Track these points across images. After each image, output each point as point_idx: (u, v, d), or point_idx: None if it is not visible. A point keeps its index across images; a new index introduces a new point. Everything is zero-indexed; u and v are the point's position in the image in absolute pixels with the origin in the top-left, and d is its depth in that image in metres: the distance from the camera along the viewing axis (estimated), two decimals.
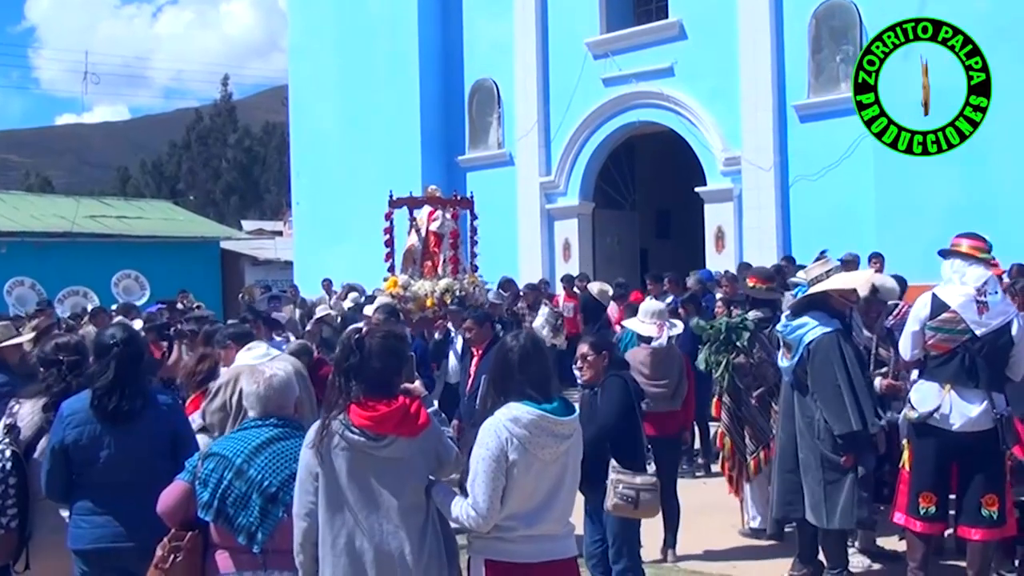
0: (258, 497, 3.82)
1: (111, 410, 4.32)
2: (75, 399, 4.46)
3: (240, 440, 3.95)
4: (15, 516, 4.56)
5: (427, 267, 13.12)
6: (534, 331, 9.04)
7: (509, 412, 3.56)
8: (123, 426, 4.32)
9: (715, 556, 7.07)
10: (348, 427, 3.53)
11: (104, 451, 4.31)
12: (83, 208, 26.80)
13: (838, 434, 5.80)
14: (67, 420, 4.36)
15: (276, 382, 4.04)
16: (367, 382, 3.59)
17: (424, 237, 13.33)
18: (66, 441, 4.32)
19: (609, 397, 5.51)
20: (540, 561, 3.58)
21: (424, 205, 13.63)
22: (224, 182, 56.79)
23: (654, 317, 7.14)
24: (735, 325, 7.20)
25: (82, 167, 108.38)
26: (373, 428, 3.54)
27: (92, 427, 4.32)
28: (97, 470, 4.31)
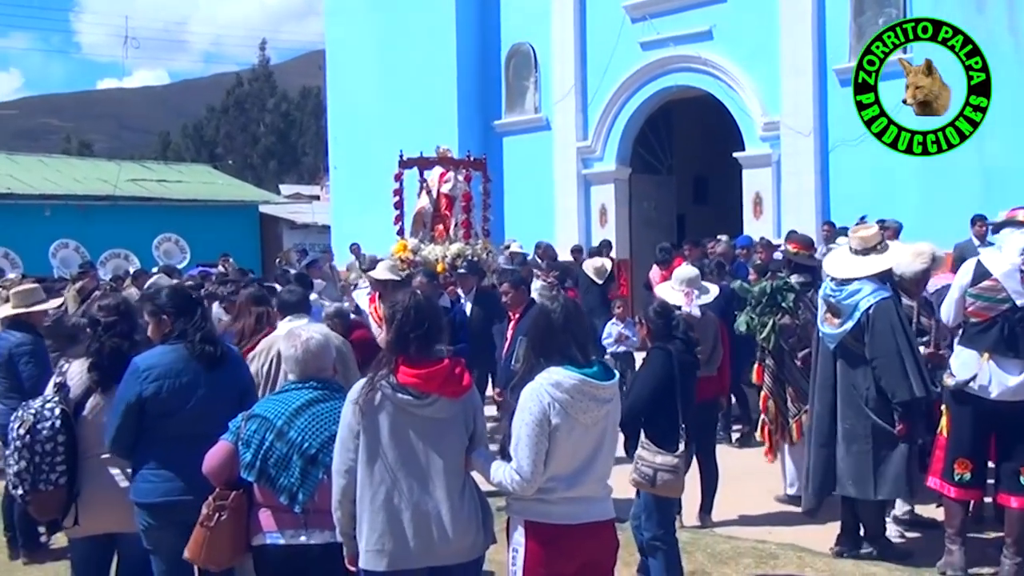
0: (298, 459, 3.87)
1: (218, 355, 4.47)
2: (150, 354, 4.52)
3: (281, 402, 4.01)
4: (64, 473, 4.64)
5: (438, 231, 12.66)
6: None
7: (550, 377, 3.57)
8: (209, 374, 4.43)
9: (751, 522, 7.07)
10: (394, 385, 3.57)
11: (185, 403, 4.39)
12: (124, 172, 27.08)
13: (899, 401, 5.74)
14: (144, 374, 4.41)
15: (313, 345, 4.08)
16: (416, 342, 3.62)
17: (435, 199, 12.81)
18: (144, 395, 4.37)
19: (645, 370, 5.49)
20: (579, 523, 3.61)
21: (435, 166, 12.96)
22: (262, 146, 57.07)
23: (683, 284, 7.11)
24: (780, 286, 7.14)
25: (122, 131, 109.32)
26: (419, 386, 3.57)
27: (171, 381, 4.39)
28: (174, 422, 4.38)
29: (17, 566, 7.22)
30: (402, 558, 3.56)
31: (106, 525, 4.70)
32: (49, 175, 25.58)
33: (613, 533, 3.78)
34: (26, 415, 4.65)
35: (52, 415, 4.64)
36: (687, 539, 6.17)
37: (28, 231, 20.41)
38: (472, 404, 3.75)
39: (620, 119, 18.31)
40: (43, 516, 5.01)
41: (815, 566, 6.03)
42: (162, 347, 4.52)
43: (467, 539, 3.65)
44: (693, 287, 7.12)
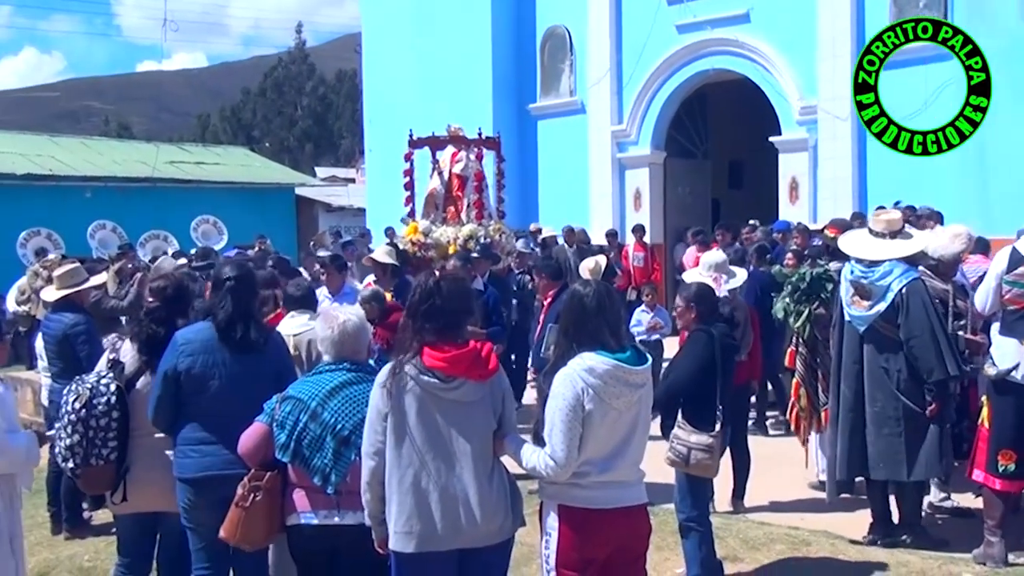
0: (332, 440, 3.89)
1: (239, 339, 4.46)
2: (190, 329, 4.57)
3: (315, 384, 4.02)
4: (115, 449, 4.69)
5: (450, 212, 12.06)
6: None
7: (583, 362, 3.56)
8: (243, 357, 4.44)
9: (782, 508, 7.03)
10: (420, 368, 3.57)
11: (216, 381, 4.42)
12: (163, 154, 27.28)
13: (933, 380, 5.68)
14: (181, 348, 4.46)
15: (350, 327, 4.09)
16: (441, 325, 3.62)
17: (447, 180, 12.19)
18: (179, 368, 4.43)
19: (687, 352, 5.47)
20: (612, 507, 3.60)
21: (447, 145, 12.28)
22: (298, 129, 57.26)
23: (711, 270, 7.10)
24: (820, 275, 7.05)
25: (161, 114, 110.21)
26: (445, 369, 3.57)
27: (206, 357, 4.44)
28: (207, 399, 4.42)
29: (59, 541, 7.35)
30: (430, 540, 3.57)
31: (152, 503, 4.76)
32: (90, 157, 25.83)
33: (646, 517, 3.77)
34: (82, 389, 4.70)
35: (108, 391, 4.69)
36: (719, 524, 6.14)
37: (69, 212, 20.63)
38: (500, 387, 3.74)
39: (655, 103, 18.18)
40: (92, 491, 5.08)
41: (848, 553, 5.98)
42: (203, 323, 4.57)
43: (495, 522, 3.65)
44: (721, 272, 7.12)
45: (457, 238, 11.28)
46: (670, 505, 6.17)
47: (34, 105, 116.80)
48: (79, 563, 6.80)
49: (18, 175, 22.36)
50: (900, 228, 6.07)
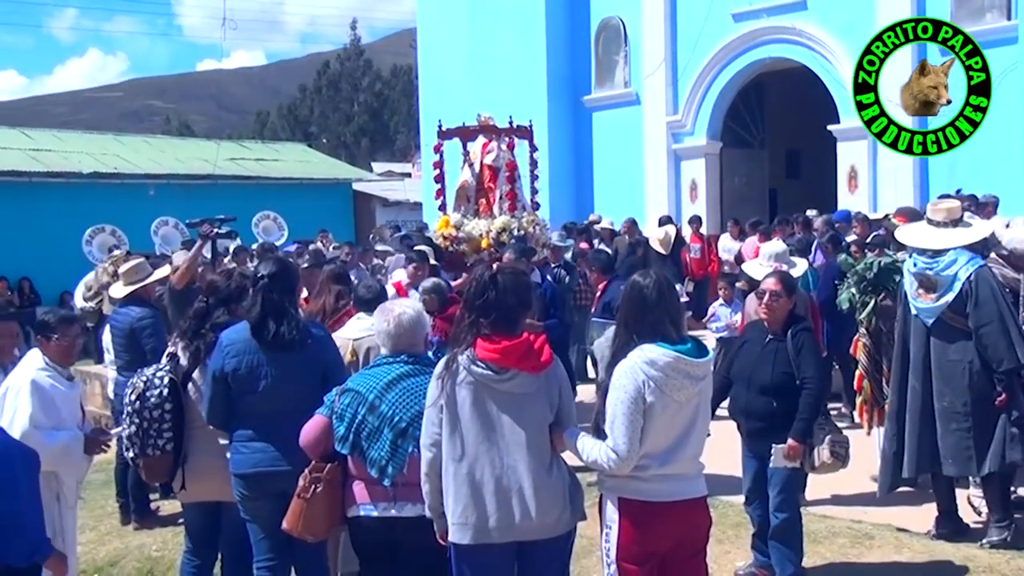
0: (389, 432, 3.90)
1: (270, 338, 4.47)
2: (233, 329, 4.62)
3: (373, 376, 4.04)
4: (170, 440, 4.77)
5: (482, 205, 11.69)
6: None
7: (644, 354, 3.52)
8: (281, 355, 4.46)
9: (845, 502, 6.90)
10: (473, 360, 3.58)
11: (262, 380, 4.47)
12: (223, 151, 27.64)
13: (1004, 370, 5.55)
14: (226, 350, 4.52)
15: (406, 320, 4.09)
16: (495, 318, 3.62)
17: (478, 172, 11.82)
18: (225, 369, 4.49)
19: (814, 351, 5.36)
20: (673, 500, 3.57)
21: (478, 136, 11.95)
22: (355, 125, 57.75)
23: (771, 260, 7.03)
24: (888, 266, 6.90)
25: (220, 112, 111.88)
26: (497, 361, 3.57)
27: (250, 357, 4.48)
28: (255, 399, 4.48)
29: (128, 531, 7.50)
30: (484, 532, 3.57)
31: (212, 493, 4.83)
32: (153, 155, 26.28)
33: (706, 510, 3.74)
34: (138, 382, 4.81)
35: (161, 383, 4.77)
36: None
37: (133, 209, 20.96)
38: (556, 380, 3.72)
39: (711, 92, 17.99)
40: (152, 480, 5.18)
41: (912, 547, 5.86)
42: (244, 323, 4.61)
43: (551, 515, 3.63)
44: (781, 262, 7.04)
45: (490, 231, 11.03)
46: (730, 497, 6.08)
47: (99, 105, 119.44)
48: (147, 553, 6.94)
49: (84, 173, 22.84)
50: (960, 216, 5.93)
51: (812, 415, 5.16)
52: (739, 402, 5.35)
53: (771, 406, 5.18)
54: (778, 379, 5.21)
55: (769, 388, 5.18)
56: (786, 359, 5.22)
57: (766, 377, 5.22)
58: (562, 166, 19.76)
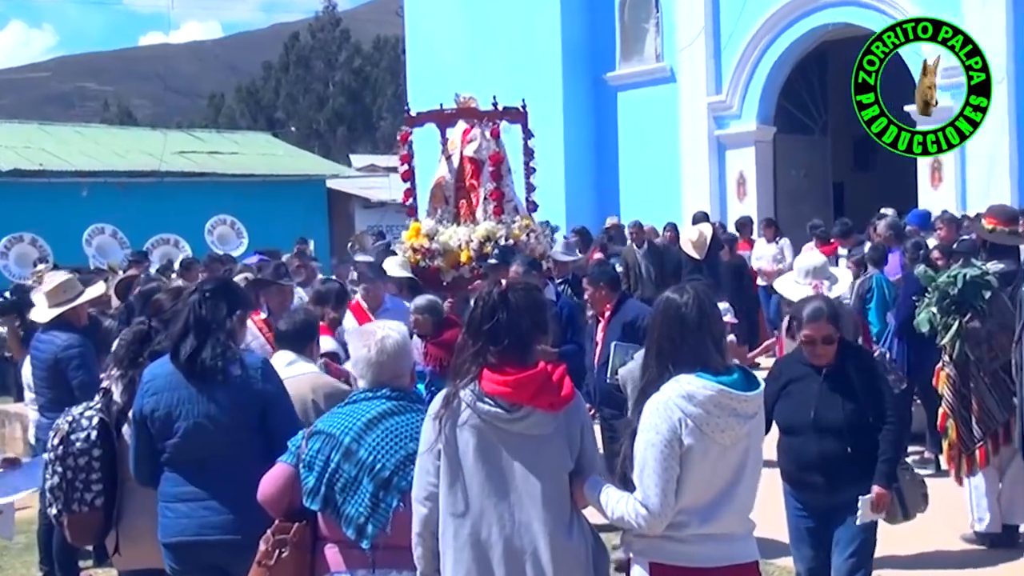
0: (369, 482, 3.88)
1: (184, 361, 4.41)
2: (158, 362, 4.61)
3: (348, 415, 4.01)
4: (100, 493, 4.74)
5: (462, 207, 11.17)
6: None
7: (681, 387, 3.51)
8: (204, 389, 4.41)
9: (926, 563, 6.90)
10: (480, 396, 3.57)
11: (180, 422, 4.41)
12: (171, 143, 27.78)
13: None
14: (146, 386, 4.52)
15: (390, 345, 4.07)
16: (506, 344, 3.62)
17: (458, 167, 11.23)
18: (144, 410, 4.47)
19: (885, 381, 5.37)
20: (716, 565, 3.56)
21: (457, 121, 11.39)
22: (330, 110, 57.97)
23: (808, 276, 7.08)
24: (976, 280, 6.85)
25: (167, 95, 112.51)
26: (508, 396, 3.56)
27: (170, 394, 4.44)
28: (175, 445, 4.44)
29: None
30: None
31: (153, 559, 4.78)
32: (86, 148, 26.38)
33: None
34: (62, 423, 4.79)
35: (89, 424, 4.75)
36: None
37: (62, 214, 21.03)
38: (577, 419, 3.71)
39: (762, 67, 18.04)
40: (79, 542, 5.17)
41: None
42: (166, 356, 4.59)
43: None
44: (820, 278, 7.09)
45: (470, 241, 10.49)
46: (783, 561, 6.05)
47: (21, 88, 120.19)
48: None
49: (3, 171, 22.94)
50: None
51: (897, 454, 5.16)
52: (807, 454, 5.23)
53: (846, 452, 5.14)
54: (850, 417, 5.16)
55: (843, 430, 5.13)
56: (852, 392, 5.18)
57: (836, 418, 5.16)
58: (581, 159, 19.84)
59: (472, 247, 10.40)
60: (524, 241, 10.58)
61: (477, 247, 10.36)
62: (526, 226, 10.81)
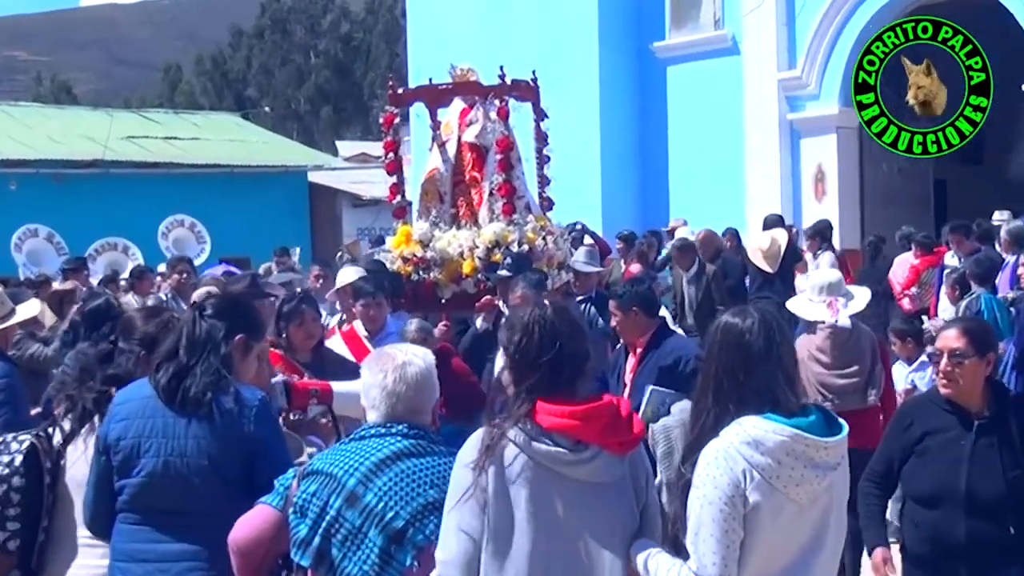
0: (378, 534, 3.85)
1: (163, 385, 4.41)
2: (134, 384, 4.60)
3: (354, 453, 3.97)
4: (15, 535, 4.69)
5: (461, 206, 11.06)
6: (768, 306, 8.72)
7: (745, 432, 3.52)
8: (182, 423, 4.38)
9: None
10: (534, 434, 3.55)
11: (146, 458, 4.38)
12: (118, 125, 27.86)
13: None
14: (116, 410, 4.49)
15: (411, 374, 4.04)
16: (567, 375, 3.64)
17: (455, 155, 11.12)
18: (109, 437, 4.46)
19: None
20: None
21: (451, 99, 11.35)
22: (312, 86, 58.16)
23: (822, 294, 7.56)
24: None
25: (114, 67, 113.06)
26: (575, 431, 3.55)
27: (141, 422, 4.41)
28: (138, 486, 4.40)
29: None
30: None
31: None
32: (15, 132, 26.51)
33: None
34: None
35: (17, 448, 4.73)
36: None
37: None
38: (643, 466, 3.75)
39: (845, 36, 18.03)
40: None
41: None
42: (145, 379, 4.61)
43: None
44: (835, 295, 7.55)
45: (474, 247, 10.37)
46: None
47: None
48: None
49: None
50: None
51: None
52: (952, 535, 4.99)
53: (1006, 534, 4.94)
54: (1015, 488, 4.93)
55: (1004, 505, 4.93)
56: (1015, 453, 4.96)
57: (996, 488, 4.94)
58: (621, 147, 19.82)
59: (477, 255, 10.30)
60: (540, 246, 10.49)
61: (484, 255, 10.25)
62: (542, 226, 10.74)
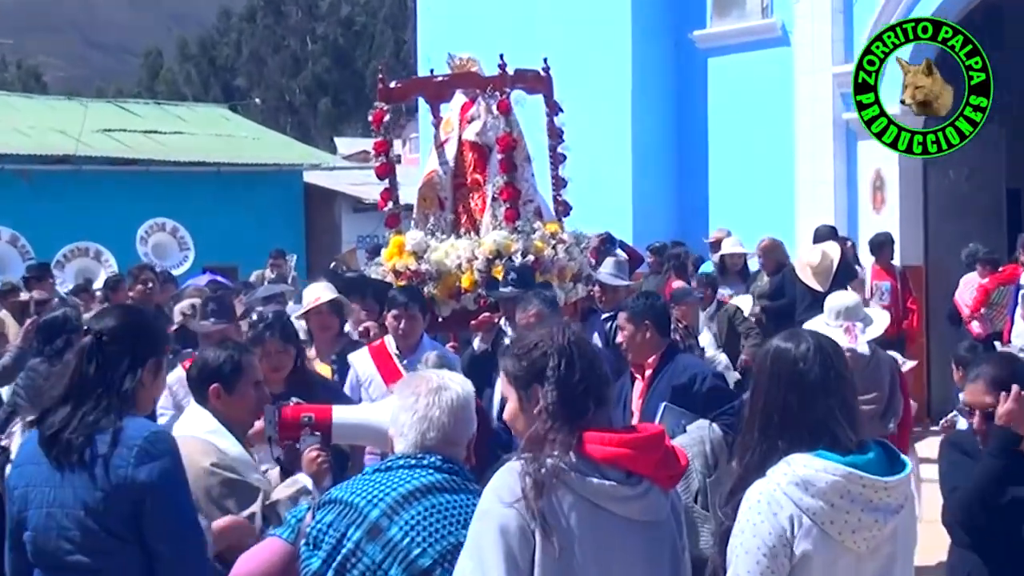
0: (400, 572, 3.83)
1: (36, 426, 4.42)
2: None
3: (378, 483, 3.95)
4: None
5: (462, 212, 11.11)
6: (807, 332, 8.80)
7: (793, 471, 3.52)
8: (59, 468, 4.34)
9: None
10: (583, 467, 3.52)
11: (33, 510, 4.38)
12: (93, 117, 27.96)
13: None
14: (19, 453, 4.60)
15: (447, 401, 4.04)
16: (594, 400, 3.65)
17: (455, 156, 11.16)
18: (9, 484, 4.51)
19: None
20: None
21: (451, 92, 11.48)
22: (309, 75, 58.30)
23: (840, 318, 8.16)
24: None
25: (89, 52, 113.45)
26: (630, 463, 3.54)
27: (32, 470, 4.42)
28: (31, 541, 4.39)
29: None
30: None
31: None
32: None
33: None
34: None
35: None
36: None
37: None
38: (681, 503, 3.80)
39: None
40: None
41: None
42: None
43: None
44: (853, 319, 8.14)
45: (474, 259, 10.35)
46: None
47: None
48: None
49: None
50: None
51: None
52: None
53: None
54: None
55: None
56: None
57: None
58: (655, 147, 19.83)
59: (477, 267, 10.27)
60: (549, 256, 10.41)
61: (484, 267, 10.23)
62: (552, 236, 10.64)
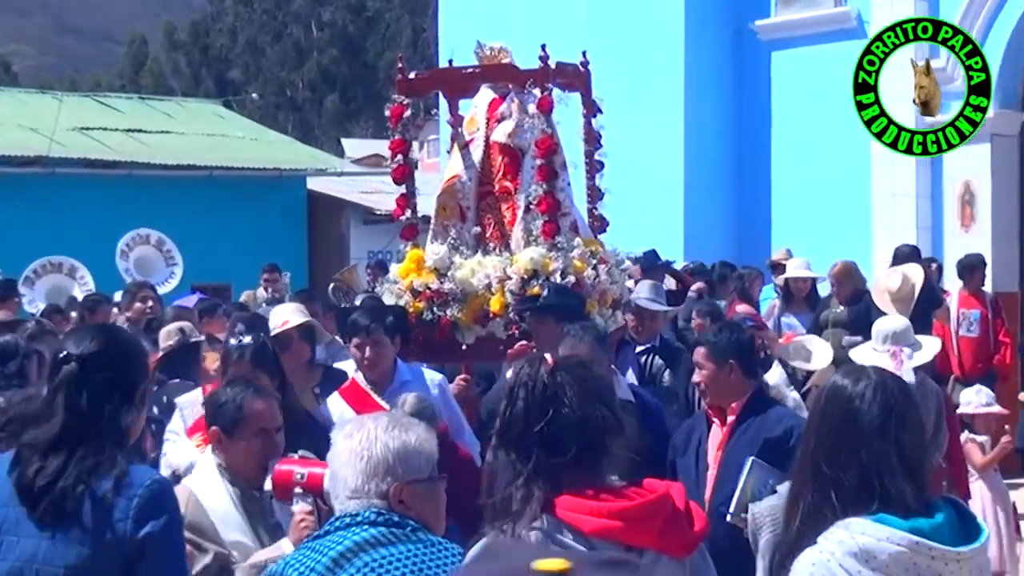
0: None
1: (25, 485, 4.41)
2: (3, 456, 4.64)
3: (311, 552, 4.08)
4: None
5: (488, 225, 11.00)
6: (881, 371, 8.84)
7: (850, 539, 3.52)
8: (33, 515, 4.38)
9: None
10: (557, 537, 3.53)
11: (0, 562, 4.41)
12: (68, 113, 28.10)
13: None
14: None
15: (399, 444, 4.06)
16: (575, 453, 3.64)
17: (482, 160, 11.07)
18: None
19: None
20: None
21: (477, 85, 11.44)
22: (313, 68, 58.55)
23: (887, 343, 8.48)
24: None
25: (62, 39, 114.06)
26: (623, 536, 3.54)
27: (8, 511, 4.45)
28: None
29: None
30: None
31: None
32: None
33: None
34: None
35: None
36: None
37: None
38: (708, 567, 3.78)
39: (1003, 19, 18.01)
40: None
41: None
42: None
43: None
44: (901, 344, 8.45)
45: (505, 279, 10.20)
46: None
47: None
48: None
49: None
50: None
51: None
52: None
53: None
54: None
55: None
56: None
57: None
58: (710, 154, 19.86)
59: (509, 287, 10.12)
60: (591, 278, 10.30)
61: (517, 287, 10.08)
62: (592, 251, 10.58)
